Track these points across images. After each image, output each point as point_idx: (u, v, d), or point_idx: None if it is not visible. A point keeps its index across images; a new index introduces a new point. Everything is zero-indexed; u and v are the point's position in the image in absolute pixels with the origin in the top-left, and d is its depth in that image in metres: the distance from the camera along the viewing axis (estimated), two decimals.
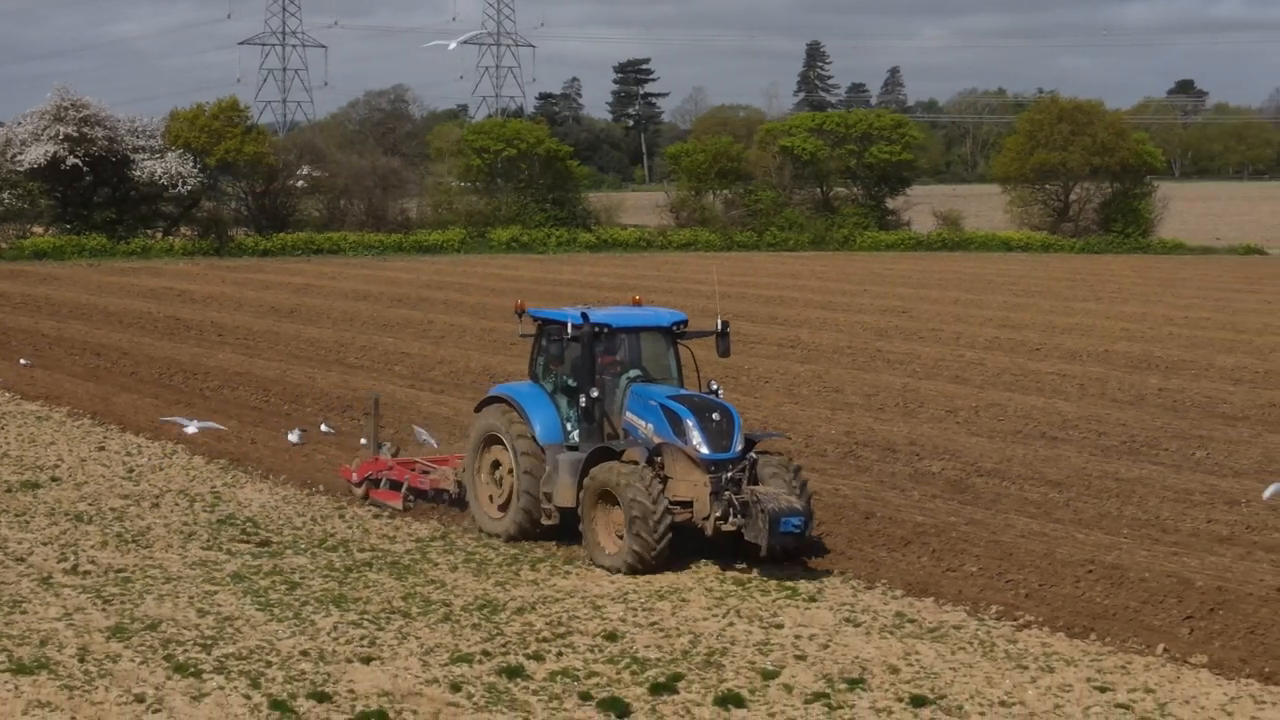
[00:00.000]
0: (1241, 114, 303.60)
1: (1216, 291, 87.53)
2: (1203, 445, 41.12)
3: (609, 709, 21.59)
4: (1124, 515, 33.32)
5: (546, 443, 30.93)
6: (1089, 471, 37.52)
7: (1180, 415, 45.74)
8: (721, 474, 29.06)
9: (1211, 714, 21.94)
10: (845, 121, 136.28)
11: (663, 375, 31.33)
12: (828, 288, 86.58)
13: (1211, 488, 36.01)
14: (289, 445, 40.64)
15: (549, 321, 31.93)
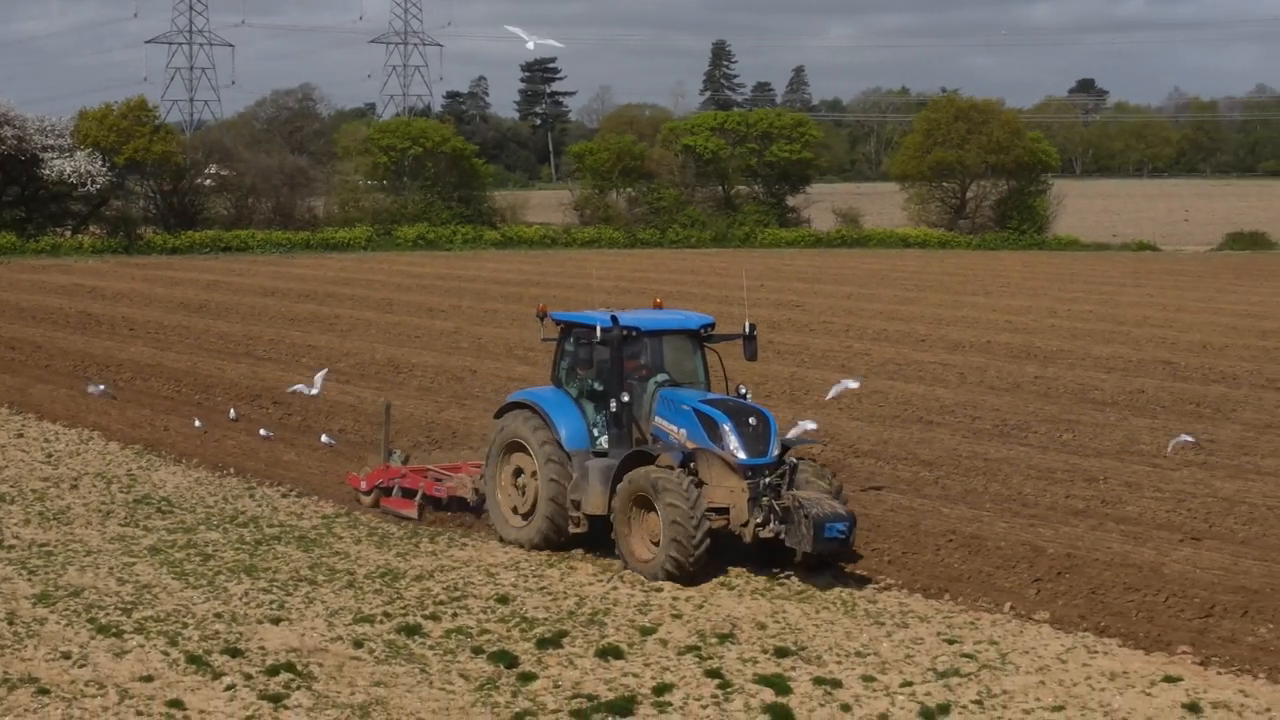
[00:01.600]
0: (1141, 113, 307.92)
1: (1103, 286, 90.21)
2: (1070, 428, 43.47)
3: (499, 661, 23.63)
4: (988, 491, 35.60)
5: (572, 449, 30.23)
6: (960, 452, 39.83)
7: (1052, 401, 48.10)
8: (759, 479, 28.64)
9: (1047, 662, 24.16)
10: (746, 121, 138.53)
11: (689, 379, 30.99)
12: (726, 283, 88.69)
13: (1074, 467, 38.35)
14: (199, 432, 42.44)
15: (574, 325, 31.24)
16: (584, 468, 30.01)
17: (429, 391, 49.35)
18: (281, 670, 23.04)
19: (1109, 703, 22.37)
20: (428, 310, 72.25)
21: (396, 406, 45.73)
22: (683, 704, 22.05)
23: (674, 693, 22.45)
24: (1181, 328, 67.38)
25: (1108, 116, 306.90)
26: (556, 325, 31.85)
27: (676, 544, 27.77)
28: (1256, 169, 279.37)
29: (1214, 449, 40.68)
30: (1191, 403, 47.93)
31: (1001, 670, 23.73)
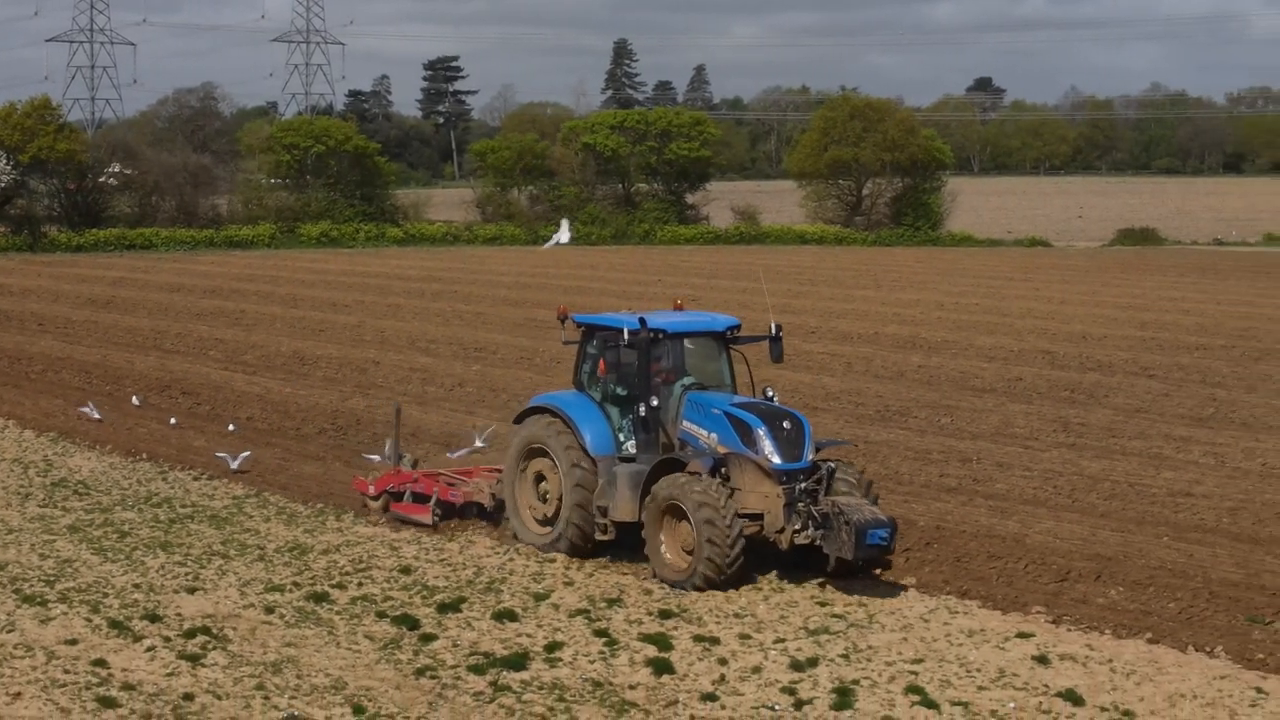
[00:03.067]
0: (1038, 111, 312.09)
1: (991, 280, 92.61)
2: (949, 413, 45.56)
3: (401, 624, 25.35)
4: (867, 472, 37.26)
5: (598, 454, 29.56)
6: (842, 436, 41.73)
7: (934, 389, 50.19)
8: (794, 485, 27.97)
9: (911, 621, 26.11)
10: (646, 119, 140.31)
11: (716, 382, 30.28)
12: (625, 278, 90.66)
13: (949, 448, 40.44)
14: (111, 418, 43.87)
15: (599, 328, 30.57)
16: (611, 474, 29.36)
17: (334, 382, 50.90)
18: (198, 633, 24.65)
19: (965, 656, 24.30)
20: (331, 305, 73.78)
21: (301, 396, 47.52)
22: (572, 659, 23.82)
23: (564, 650, 24.22)
24: (1063, 319, 69.69)
25: (1005, 115, 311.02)
26: (578, 328, 31.13)
27: (712, 553, 27.19)
28: (1151, 166, 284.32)
29: (1084, 431, 42.86)
30: (1066, 389, 50.12)
31: (868, 628, 25.65)
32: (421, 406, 46.24)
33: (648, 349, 29.31)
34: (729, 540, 27.22)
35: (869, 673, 23.43)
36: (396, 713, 21.42)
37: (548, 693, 22.35)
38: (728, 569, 27.37)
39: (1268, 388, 51.01)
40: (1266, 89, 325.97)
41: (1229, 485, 36.38)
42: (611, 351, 29.94)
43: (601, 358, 29.99)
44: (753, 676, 23.21)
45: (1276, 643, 25.18)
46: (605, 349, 30.03)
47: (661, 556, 28.18)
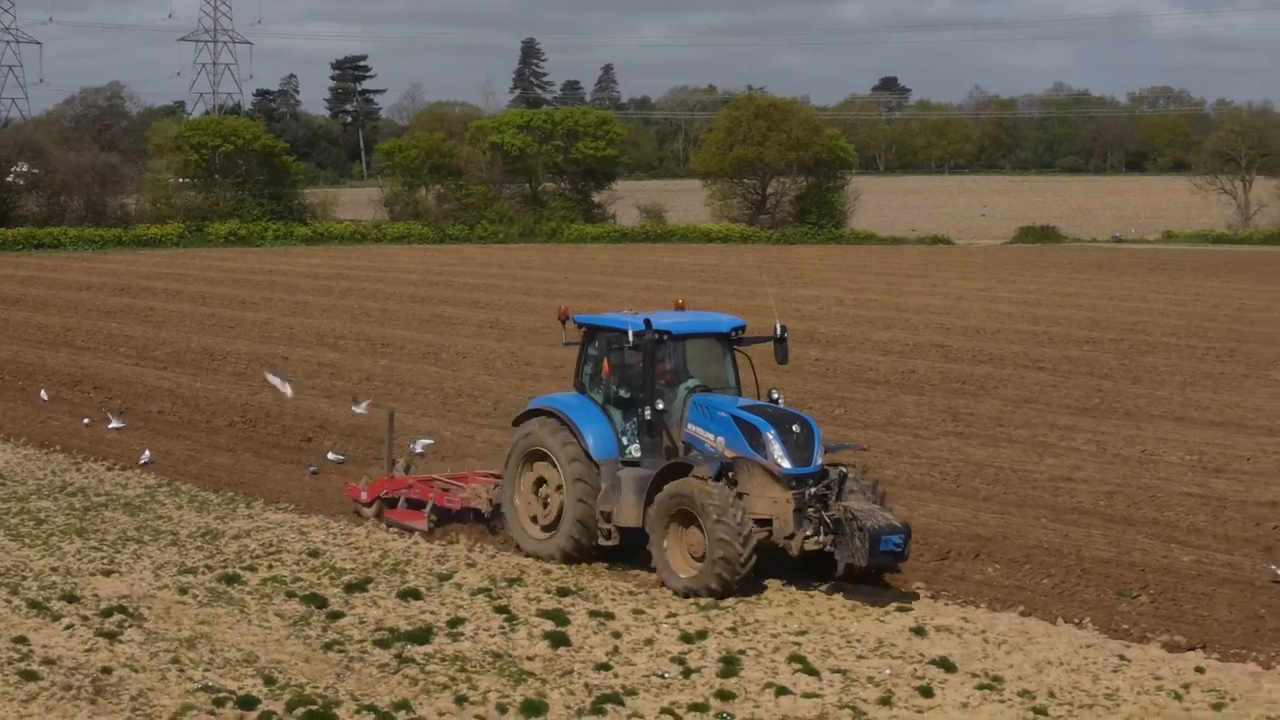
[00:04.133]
0: (943, 110, 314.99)
1: (891, 277, 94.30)
2: (843, 405, 46.99)
3: (310, 603, 26.49)
4: None
5: (601, 458, 29.04)
6: None
7: (829, 381, 51.62)
8: (804, 490, 27.50)
9: (797, 597, 27.46)
10: (552, 119, 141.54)
11: (720, 384, 29.73)
12: (531, 276, 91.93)
13: (841, 437, 41.43)
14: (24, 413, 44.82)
15: (602, 329, 29.93)
16: (615, 478, 28.81)
17: (243, 377, 51.87)
18: (115, 612, 25.71)
19: (847, 628, 25.65)
20: (240, 303, 74.69)
21: (211, 391, 48.52)
22: (474, 634, 25.03)
23: (466, 625, 25.42)
24: (959, 314, 71.36)
25: (910, 114, 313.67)
26: (579, 329, 30.64)
27: (724, 561, 26.74)
28: (1054, 165, 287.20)
29: (972, 420, 44.38)
30: (958, 381, 51.65)
31: (756, 604, 26.96)
32: (329, 400, 47.33)
33: (653, 350, 28.70)
34: (742, 546, 26.71)
35: (755, 644, 24.73)
36: (305, 683, 22.53)
37: (450, 664, 23.54)
38: (739, 577, 26.93)
39: (1153, 379, 52.69)
40: (1168, 89, 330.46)
41: (1108, 470, 37.91)
42: (615, 353, 29.12)
43: (605, 359, 29.34)
44: (645, 648, 24.47)
45: (1141, 614, 26.63)
46: (610, 350, 29.18)
47: (668, 562, 27.70)
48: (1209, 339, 63.29)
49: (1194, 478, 37.34)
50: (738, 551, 26.66)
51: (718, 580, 26.85)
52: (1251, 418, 45.52)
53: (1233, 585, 28.24)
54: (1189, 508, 34.09)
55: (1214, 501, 34.65)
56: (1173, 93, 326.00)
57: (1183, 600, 27.38)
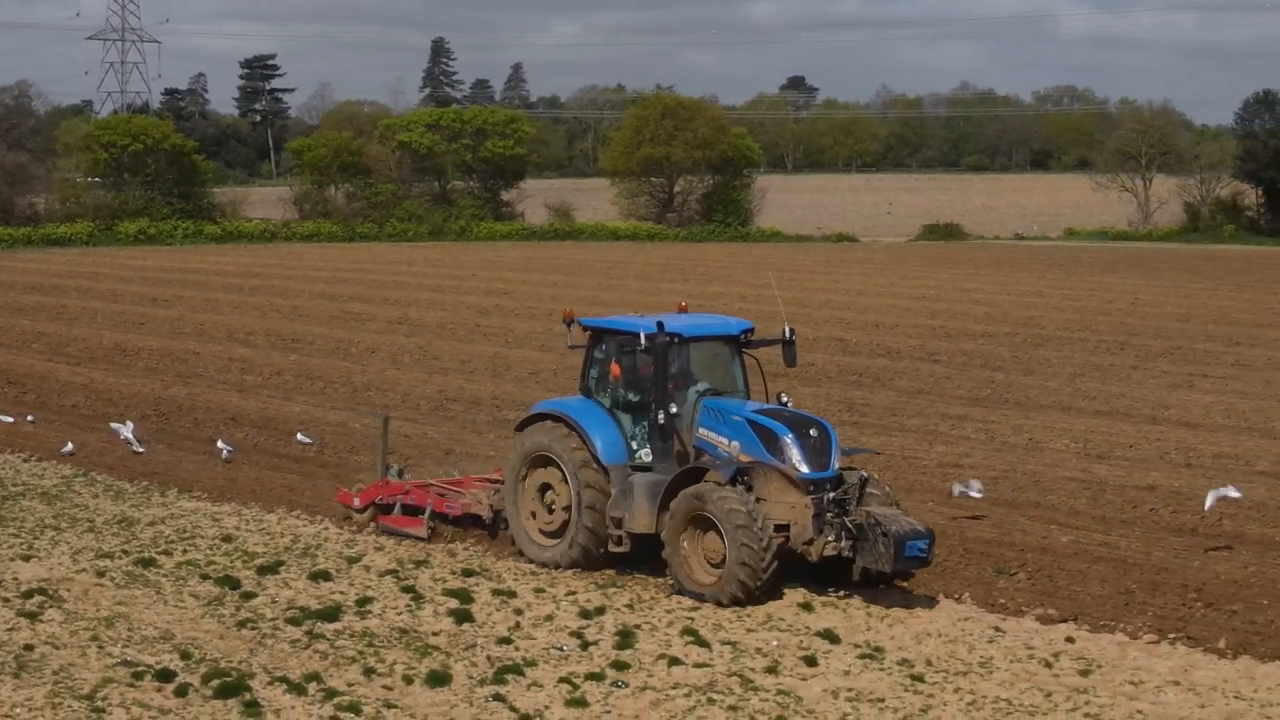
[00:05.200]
0: (850, 109, 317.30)
1: (795, 273, 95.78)
2: None
3: (223, 584, 27.58)
4: None
5: (610, 463, 28.57)
6: None
7: None
8: (822, 494, 27.21)
9: None
10: (461, 118, 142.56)
11: (728, 387, 29.36)
12: (440, 273, 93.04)
13: None
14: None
15: (611, 332, 29.54)
16: (628, 484, 28.39)
17: (155, 372, 52.83)
18: (35, 594, 26.71)
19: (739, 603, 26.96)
20: (151, 300, 75.51)
21: (124, 385, 49.45)
22: (381, 612, 26.17)
23: (374, 604, 26.56)
24: (859, 309, 72.92)
25: (817, 113, 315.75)
26: (585, 331, 30.21)
27: (745, 567, 26.39)
28: (960, 164, 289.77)
29: (867, 411, 45.83)
30: (855, 374, 53.11)
31: (652, 581, 28.19)
32: (241, 394, 48.39)
33: (665, 354, 28.27)
34: (763, 553, 26.39)
35: (650, 619, 25.99)
36: (220, 658, 23.61)
37: (358, 639, 24.67)
38: (760, 583, 26.57)
39: (1044, 371, 54.26)
40: (1072, 88, 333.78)
41: (995, 457, 39.37)
42: (626, 357, 28.57)
43: (616, 363, 28.83)
44: (545, 623, 25.68)
45: (1018, 590, 28.02)
46: (622, 354, 28.63)
47: (684, 569, 27.33)
48: (1101, 332, 65.01)
49: (1077, 464, 38.82)
50: (759, 559, 26.32)
51: (739, 587, 26.49)
52: (1137, 407, 47.10)
53: (1107, 563, 29.66)
54: (1070, 491, 35.56)
55: (1094, 485, 36.12)
56: (1077, 92, 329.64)
57: (1058, 577, 28.77)
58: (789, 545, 27.02)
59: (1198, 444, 41.26)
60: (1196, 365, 55.80)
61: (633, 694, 22.50)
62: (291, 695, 21.92)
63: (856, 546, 26.79)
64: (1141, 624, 26.22)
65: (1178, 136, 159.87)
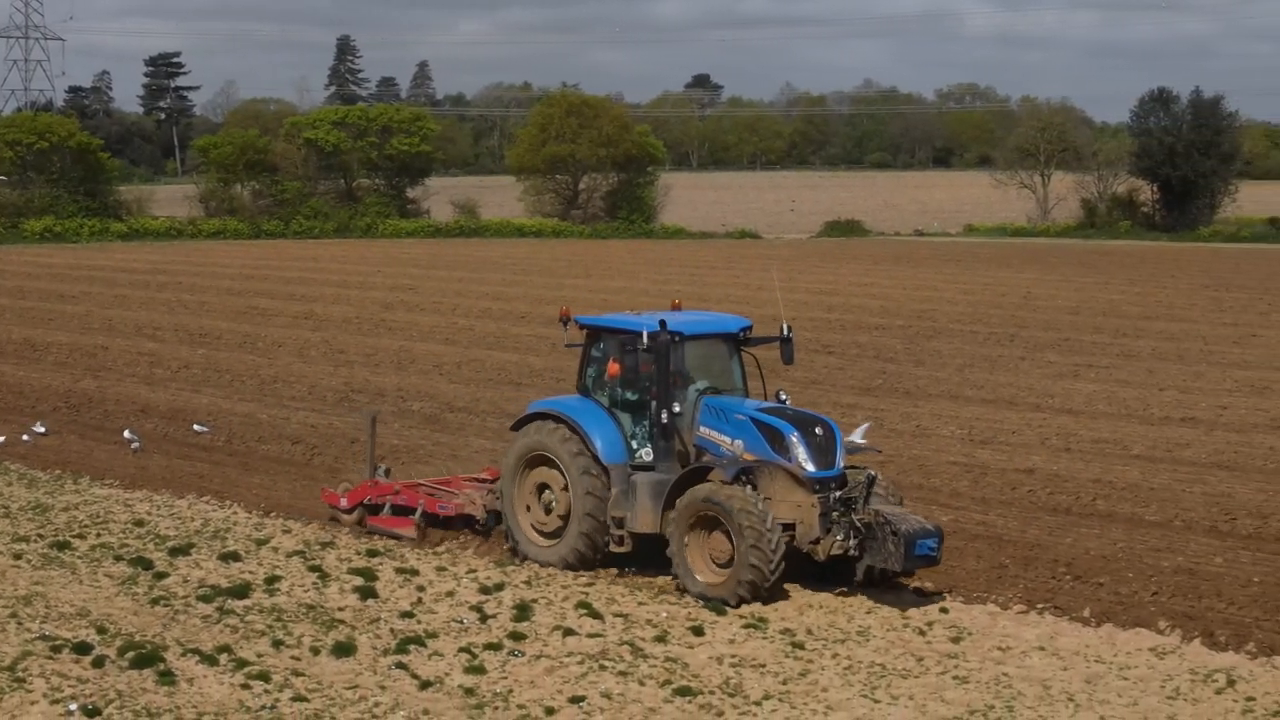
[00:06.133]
0: (754, 107, 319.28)
1: (696, 269, 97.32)
2: None
3: (137, 565, 28.66)
4: None
5: (610, 463, 28.45)
6: None
7: None
8: (828, 493, 27.18)
9: None
10: (367, 115, 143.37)
11: (726, 385, 29.35)
12: (346, 270, 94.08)
13: None
14: None
15: (610, 331, 29.40)
16: (630, 483, 28.30)
17: (65, 366, 53.77)
18: None
19: (632, 579, 28.29)
20: (59, 296, 76.23)
21: (34, 379, 50.40)
22: (289, 589, 27.35)
23: (282, 582, 27.72)
24: (758, 304, 74.04)
25: (722, 111, 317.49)
26: (581, 330, 30.04)
27: (754, 568, 26.33)
28: (863, 161, 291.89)
29: None
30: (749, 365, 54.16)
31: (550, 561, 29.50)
32: (149, 387, 49.45)
33: (668, 352, 28.11)
34: (772, 552, 26.33)
35: (547, 594, 27.27)
36: (135, 632, 24.70)
37: (267, 614, 25.84)
38: (769, 583, 26.54)
39: (934, 362, 55.89)
40: (974, 86, 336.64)
41: (882, 443, 40.41)
42: (628, 355, 28.25)
43: (616, 362, 28.51)
44: (446, 599, 26.93)
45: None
46: (624, 352, 28.34)
47: (690, 569, 27.28)
48: (992, 325, 66.76)
49: (961, 449, 40.39)
50: (769, 561, 26.30)
51: (748, 587, 26.46)
52: (1023, 396, 48.76)
53: (983, 540, 31.18)
54: (953, 475, 37.11)
55: (976, 469, 37.70)
56: (979, 90, 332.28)
57: None
58: (795, 545, 26.97)
59: (1078, 430, 42.91)
60: (1082, 356, 57.58)
61: (528, 662, 23.77)
62: (204, 665, 23.04)
63: (864, 545, 26.82)
64: (1012, 595, 27.70)
65: (1077, 134, 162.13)
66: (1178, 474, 37.35)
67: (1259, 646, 24.91)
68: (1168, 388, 50.25)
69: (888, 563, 26.63)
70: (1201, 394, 49.08)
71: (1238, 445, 40.85)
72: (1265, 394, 49.12)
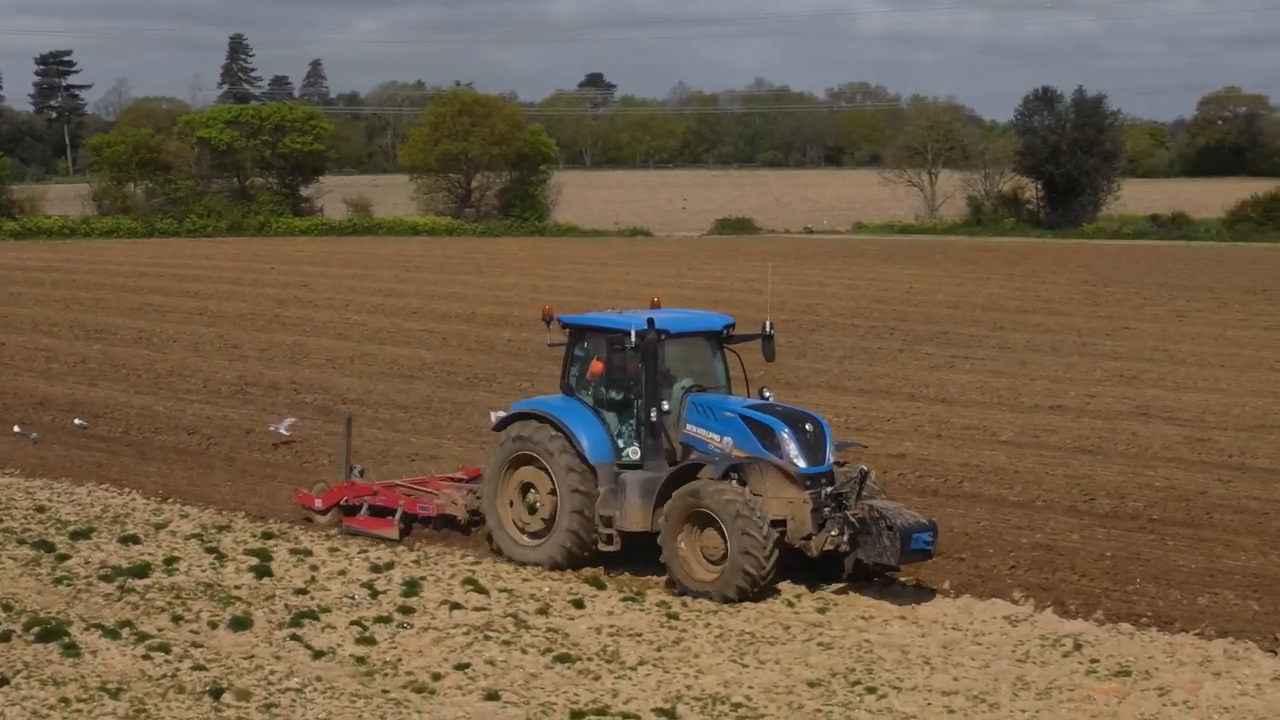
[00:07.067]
0: (647, 106, 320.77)
1: (587, 266, 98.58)
2: (530, 380, 50.85)
3: (39, 548, 29.73)
4: (451, 426, 42.85)
5: (597, 461, 28.51)
6: (433, 399, 47.03)
7: (520, 359, 55.61)
8: (819, 489, 27.42)
9: (479, 538, 31.30)
10: (260, 114, 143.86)
11: (710, 383, 29.36)
12: (240, 267, 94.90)
13: None
14: None
15: (596, 329, 29.46)
16: (618, 482, 28.38)
17: None
18: None
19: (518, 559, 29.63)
20: None
21: None
22: (187, 569, 28.53)
23: (180, 563, 28.89)
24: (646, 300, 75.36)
25: (615, 110, 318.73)
26: (564, 329, 30.14)
27: (750, 557, 26.46)
28: (755, 159, 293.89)
29: None
30: None
31: (438, 538, 30.80)
32: (47, 381, 50.40)
33: (656, 351, 28.24)
34: (766, 549, 26.51)
35: (435, 572, 28.61)
36: (39, 610, 25.81)
37: (167, 593, 27.03)
38: (763, 578, 26.74)
39: (816, 354, 57.45)
40: (865, 85, 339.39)
41: None
42: (616, 354, 28.25)
43: (601, 361, 28.52)
44: (338, 577, 28.20)
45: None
46: (610, 351, 28.30)
47: (683, 566, 27.35)
48: (873, 319, 68.44)
49: (835, 436, 41.68)
50: (762, 557, 26.47)
51: (744, 578, 26.63)
52: (899, 386, 50.38)
53: None
54: None
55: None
56: (870, 89, 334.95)
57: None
58: (786, 541, 27.13)
59: (950, 418, 44.55)
60: (959, 348, 59.31)
61: (417, 634, 25.10)
62: (107, 639, 24.20)
63: (857, 540, 27.01)
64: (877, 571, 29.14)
65: (964, 133, 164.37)
66: (1043, 458, 39.04)
67: (1106, 614, 26.56)
68: (1039, 378, 51.99)
69: (883, 557, 26.92)
70: (1072, 383, 50.84)
71: (1102, 431, 42.58)
72: (1133, 383, 50.94)
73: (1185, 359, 56.71)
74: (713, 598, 26.80)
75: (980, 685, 23.07)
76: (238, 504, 33.81)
